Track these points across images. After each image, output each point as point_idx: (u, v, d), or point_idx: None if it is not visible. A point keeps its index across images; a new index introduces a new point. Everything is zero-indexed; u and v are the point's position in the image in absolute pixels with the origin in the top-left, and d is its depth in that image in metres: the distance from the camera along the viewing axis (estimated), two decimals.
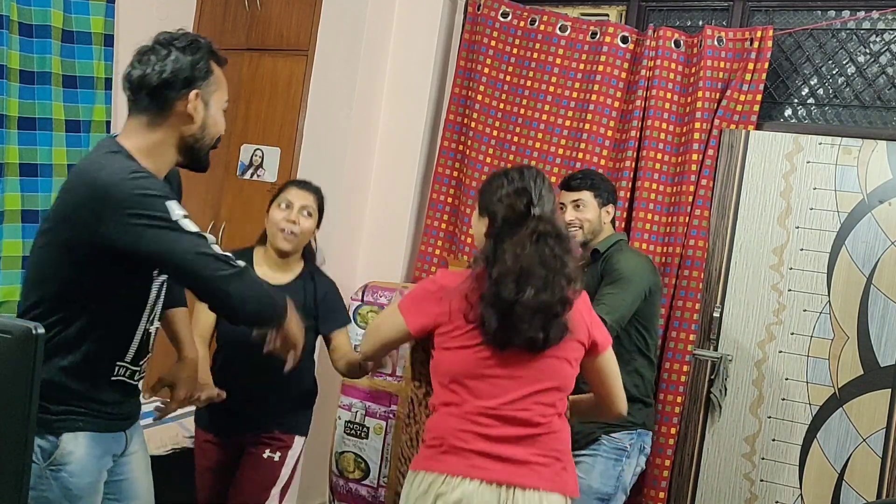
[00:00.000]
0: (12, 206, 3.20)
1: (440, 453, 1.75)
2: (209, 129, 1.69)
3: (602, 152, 3.28)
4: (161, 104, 1.62)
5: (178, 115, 1.64)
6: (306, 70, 3.63)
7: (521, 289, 1.69)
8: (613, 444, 2.49)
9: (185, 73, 1.63)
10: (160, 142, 1.64)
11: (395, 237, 3.62)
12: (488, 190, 1.84)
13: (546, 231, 1.74)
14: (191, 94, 1.63)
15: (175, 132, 1.65)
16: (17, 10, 3.15)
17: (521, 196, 1.78)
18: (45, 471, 1.59)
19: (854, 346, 2.90)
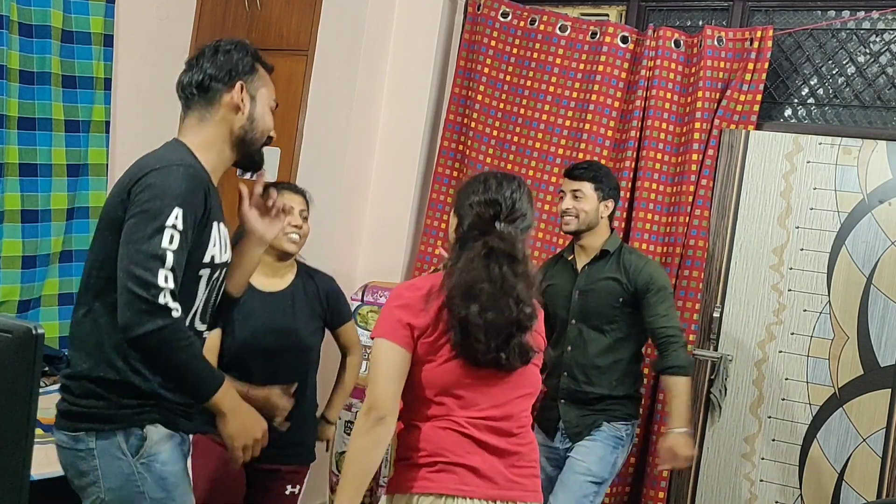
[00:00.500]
0: (12, 206, 3.19)
1: (434, 472, 1.69)
2: (258, 122, 1.73)
3: (602, 152, 3.28)
4: (210, 98, 1.69)
5: (227, 107, 1.69)
6: (306, 70, 3.63)
7: (466, 305, 1.64)
8: (613, 433, 2.55)
9: (229, 66, 1.70)
10: (214, 136, 1.70)
11: (395, 237, 3.62)
12: (464, 192, 1.80)
13: (499, 249, 1.68)
14: (237, 84, 1.69)
15: (226, 126, 1.70)
16: (16, 10, 3.14)
17: (490, 207, 1.73)
18: (136, 465, 1.58)
19: (854, 346, 2.90)
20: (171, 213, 1.53)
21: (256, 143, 1.76)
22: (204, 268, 1.66)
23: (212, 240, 1.66)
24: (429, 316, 1.69)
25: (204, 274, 1.66)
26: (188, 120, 1.72)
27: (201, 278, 1.66)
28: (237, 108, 1.70)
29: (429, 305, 1.69)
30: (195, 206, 1.58)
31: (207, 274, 1.67)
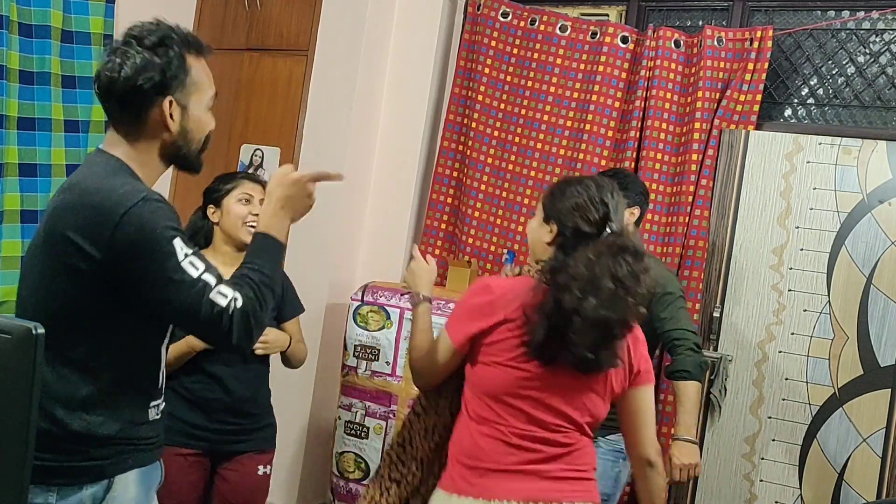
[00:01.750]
0: (11, 206, 3.19)
1: (476, 476, 1.69)
2: (192, 133, 1.53)
3: (602, 152, 3.28)
4: (134, 114, 1.48)
5: (155, 124, 1.49)
6: (306, 70, 3.63)
7: (584, 297, 1.58)
8: (611, 447, 2.50)
9: (155, 78, 1.46)
10: (143, 151, 1.51)
11: (395, 237, 3.62)
12: (561, 197, 1.75)
13: (625, 246, 1.64)
14: (164, 102, 1.48)
15: (155, 142, 1.52)
16: (16, 10, 3.14)
17: (598, 209, 1.70)
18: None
19: (854, 346, 2.90)
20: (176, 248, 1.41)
21: (192, 152, 1.56)
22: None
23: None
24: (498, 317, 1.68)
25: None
26: (115, 132, 1.52)
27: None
28: (166, 125, 1.49)
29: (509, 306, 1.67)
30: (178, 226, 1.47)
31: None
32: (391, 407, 3.18)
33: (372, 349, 3.19)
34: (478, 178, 3.50)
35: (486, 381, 1.71)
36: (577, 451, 1.74)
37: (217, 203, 2.38)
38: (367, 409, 3.21)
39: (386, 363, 3.15)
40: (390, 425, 3.18)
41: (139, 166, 1.52)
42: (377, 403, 3.20)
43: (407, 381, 3.15)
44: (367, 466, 3.21)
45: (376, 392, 3.20)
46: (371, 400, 3.20)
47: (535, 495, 1.67)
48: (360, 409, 3.21)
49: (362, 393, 3.21)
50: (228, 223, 2.36)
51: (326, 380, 3.47)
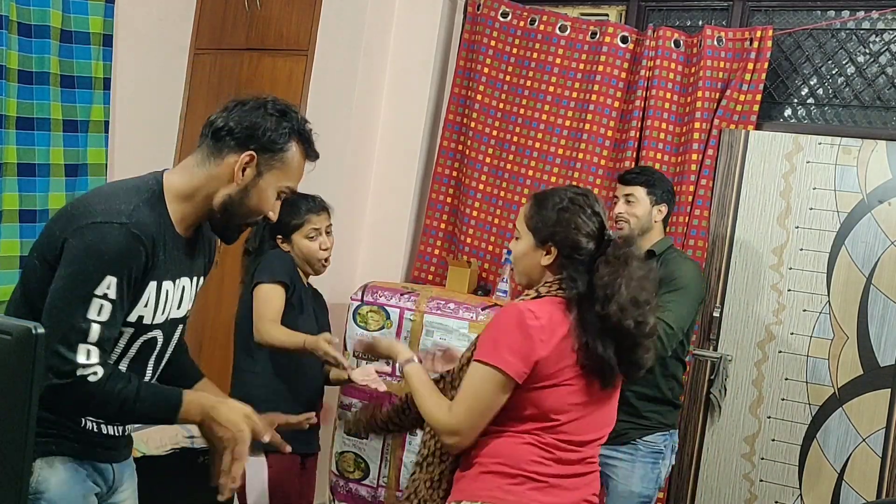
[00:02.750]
0: (10, 206, 3.19)
1: (513, 484, 1.67)
2: (251, 199, 1.54)
3: (602, 152, 3.28)
4: (217, 149, 1.53)
5: (225, 168, 1.52)
6: (306, 70, 3.63)
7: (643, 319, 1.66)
8: (649, 448, 2.50)
9: (253, 130, 1.52)
10: (199, 188, 1.53)
11: (395, 237, 3.62)
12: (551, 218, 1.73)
13: (634, 255, 1.70)
14: (246, 154, 1.51)
15: (216, 184, 1.53)
16: (16, 9, 3.14)
17: (593, 220, 1.73)
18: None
19: (854, 346, 2.90)
20: (102, 282, 1.39)
21: (238, 220, 1.56)
22: (126, 326, 1.49)
23: (143, 300, 1.50)
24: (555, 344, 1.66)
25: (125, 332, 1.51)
26: (191, 157, 1.57)
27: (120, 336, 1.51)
28: (233, 176, 1.52)
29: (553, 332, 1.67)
30: (131, 272, 1.44)
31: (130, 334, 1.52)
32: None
33: None
34: (476, 177, 3.49)
35: (536, 403, 1.68)
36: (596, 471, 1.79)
37: (285, 236, 2.42)
38: None
39: (386, 363, 3.14)
40: None
41: (186, 202, 1.54)
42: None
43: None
44: (366, 466, 3.20)
45: (376, 392, 3.19)
46: (371, 400, 3.20)
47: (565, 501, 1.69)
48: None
49: (362, 393, 3.21)
50: (300, 258, 2.43)
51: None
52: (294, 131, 1.57)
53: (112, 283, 1.41)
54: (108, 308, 1.41)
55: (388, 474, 3.16)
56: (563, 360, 1.66)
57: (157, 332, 1.58)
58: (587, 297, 1.66)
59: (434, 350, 2.15)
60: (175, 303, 1.59)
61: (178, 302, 1.61)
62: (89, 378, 1.39)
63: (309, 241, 2.41)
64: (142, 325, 1.53)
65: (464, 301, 3.07)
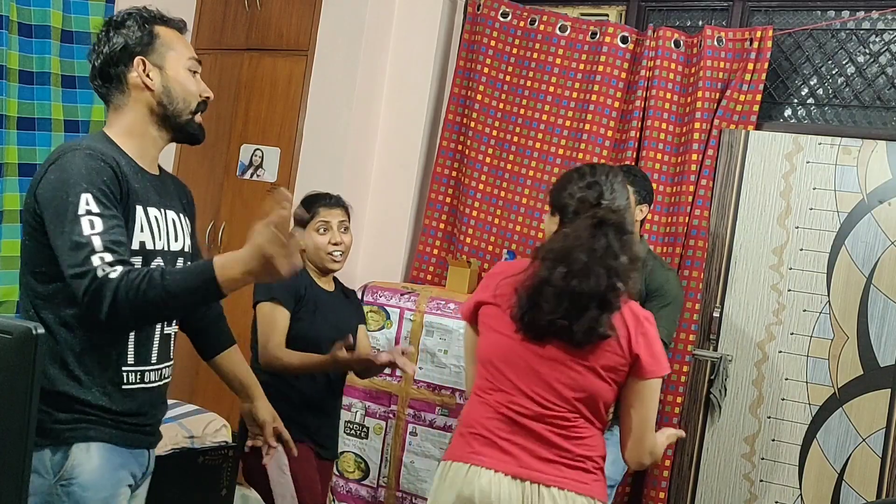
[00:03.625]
0: (11, 206, 3.19)
1: (469, 441, 1.75)
2: (175, 92, 1.59)
3: (602, 152, 3.28)
4: (115, 85, 1.58)
5: (135, 89, 1.58)
6: (306, 70, 3.63)
7: (553, 268, 1.66)
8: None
9: (121, 45, 1.57)
10: (132, 121, 1.59)
11: (394, 237, 3.62)
12: (559, 187, 1.83)
13: (608, 219, 1.70)
14: (135, 61, 1.57)
15: (141, 107, 1.59)
16: (16, 10, 3.14)
17: (592, 189, 1.76)
18: (56, 487, 1.47)
19: (854, 346, 2.90)
20: (80, 202, 1.43)
21: (181, 113, 1.61)
22: (134, 255, 1.51)
23: (137, 225, 1.54)
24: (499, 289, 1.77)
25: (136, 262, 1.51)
26: (108, 111, 1.62)
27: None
28: (144, 86, 1.58)
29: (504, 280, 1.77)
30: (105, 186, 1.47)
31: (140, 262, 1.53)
32: (391, 407, 3.18)
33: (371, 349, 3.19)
34: (476, 177, 3.50)
35: (484, 347, 1.80)
36: (578, 439, 1.72)
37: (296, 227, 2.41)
38: (367, 410, 3.21)
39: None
40: (390, 425, 3.18)
41: (131, 137, 1.59)
42: (377, 403, 3.20)
43: (407, 382, 3.15)
44: (366, 466, 3.21)
45: (376, 392, 3.20)
46: (371, 400, 3.21)
47: (521, 472, 1.69)
48: (359, 410, 3.21)
49: (362, 393, 3.21)
50: (312, 253, 2.39)
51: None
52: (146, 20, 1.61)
53: (89, 199, 1.44)
54: (99, 220, 1.43)
55: (388, 474, 3.17)
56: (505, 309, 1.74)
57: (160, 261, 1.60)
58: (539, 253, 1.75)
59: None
60: (170, 233, 1.62)
61: (174, 233, 1.64)
62: (111, 276, 1.39)
63: (318, 235, 2.37)
64: (146, 252, 1.56)
65: (464, 301, 3.07)
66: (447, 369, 3.00)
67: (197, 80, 1.64)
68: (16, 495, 1.18)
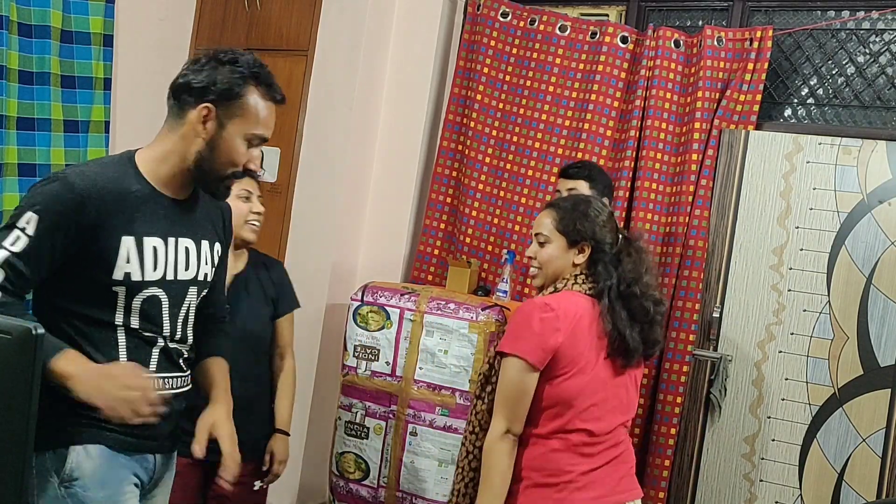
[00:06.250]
0: (11, 206, 3.19)
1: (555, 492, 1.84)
2: (220, 152, 1.57)
3: (602, 152, 3.28)
4: (179, 109, 1.57)
5: (190, 126, 1.56)
6: (306, 70, 3.63)
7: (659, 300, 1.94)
8: None
9: (206, 81, 1.55)
10: (172, 150, 1.58)
11: (395, 237, 3.62)
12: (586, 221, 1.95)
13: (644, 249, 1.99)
14: (202, 106, 1.55)
15: (185, 143, 1.57)
16: (16, 10, 3.14)
17: (612, 218, 2.00)
18: (60, 489, 1.48)
19: (854, 346, 2.90)
20: (23, 216, 1.45)
21: (214, 173, 1.59)
22: (116, 285, 1.52)
23: (122, 255, 1.51)
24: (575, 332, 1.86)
25: (119, 292, 1.53)
26: (164, 125, 1.62)
27: (116, 295, 1.53)
28: (196, 130, 1.56)
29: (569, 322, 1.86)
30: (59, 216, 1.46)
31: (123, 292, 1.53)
32: (391, 407, 3.18)
33: (372, 349, 3.19)
34: (476, 177, 3.49)
35: (568, 391, 1.85)
36: (628, 448, 1.96)
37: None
38: (367, 410, 3.21)
39: (386, 363, 3.14)
40: (390, 425, 3.18)
41: (164, 163, 1.59)
42: (377, 404, 3.19)
43: (406, 382, 3.15)
44: (367, 467, 3.20)
45: (376, 392, 3.20)
46: (371, 400, 3.20)
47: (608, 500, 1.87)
48: (360, 410, 3.21)
49: (362, 393, 3.21)
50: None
51: (326, 380, 3.48)
52: (248, 76, 1.57)
53: (32, 219, 1.46)
54: (24, 241, 1.45)
55: (388, 474, 3.16)
56: (583, 345, 1.85)
57: (156, 291, 1.58)
58: (615, 286, 1.90)
59: None
60: (177, 262, 1.60)
61: (185, 263, 1.61)
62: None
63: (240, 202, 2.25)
64: (132, 283, 1.54)
65: (464, 301, 3.07)
66: (447, 369, 3.00)
67: (248, 152, 1.60)
68: (16, 495, 1.18)
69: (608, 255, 1.93)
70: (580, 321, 1.85)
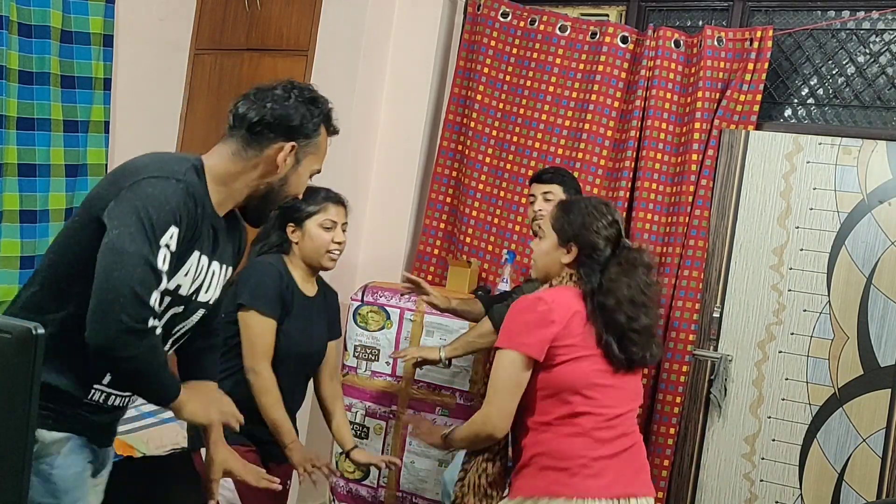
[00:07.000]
0: (10, 206, 3.19)
1: (568, 477, 1.83)
2: (289, 185, 1.61)
3: (602, 152, 3.28)
4: (256, 141, 1.56)
5: (266, 160, 1.57)
6: (306, 70, 3.63)
7: (634, 315, 1.88)
8: None
9: (293, 121, 1.57)
10: (237, 175, 1.57)
11: (395, 237, 3.62)
12: (577, 221, 1.95)
13: (642, 262, 1.95)
14: (288, 144, 1.57)
15: (255, 173, 1.57)
16: (16, 10, 3.14)
17: (614, 227, 1.97)
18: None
19: (854, 346, 2.90)
20: (168, 232, 1.41)
21: (274, 205, 1.64)
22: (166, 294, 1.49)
23: (185, 268, 1.51)
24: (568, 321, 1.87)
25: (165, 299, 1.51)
26: (223, 145, 1.59)
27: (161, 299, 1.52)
28: (276, 166, 1.57)
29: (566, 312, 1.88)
30: (185, 225, 1.46)
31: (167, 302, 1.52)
32: (391, 407, 3.18)
33: (372, 349, 3.19)
34: (476, 177, 3.49)
35: (570, 377, 1.86)
36: (638, 441, 1.95)
37: (298, 223, 2.30)
38: (367, 410, 3.21)
39: (386, 363, 3.15)
40: (390, 425, 3.18)
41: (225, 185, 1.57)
42: (377, 404, 3.20)
43: (407, 382, 3.15)
44: (366, 467, 3.20)
45: (376, 392, 3.20)
46: (371, 400, 3.20)
47: (620, 491, 1.85)
48: (360, 410, 3.21)
49: (362, 393, 3.21)
50: (309, 247, 2.30)
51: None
52: (323, 115, 1.64)
53: (174, 234, 1.43)
54: (169, 259, 1.42)
55: (388, 474, 3.16)
56: (580, 336, 1.86)
57: (181, 308, 1.58)
58: (599, 290, 1.89)
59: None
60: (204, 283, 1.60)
61: (209, 285, 1.61)
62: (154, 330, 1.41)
63: (322, 231, 2.28)
64: (177, 296, 1.53)
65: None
66: (447, 370, 3.00)
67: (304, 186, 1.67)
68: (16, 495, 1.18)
69: (596, 260, 1.92)
70: (575, 314, 1.87)
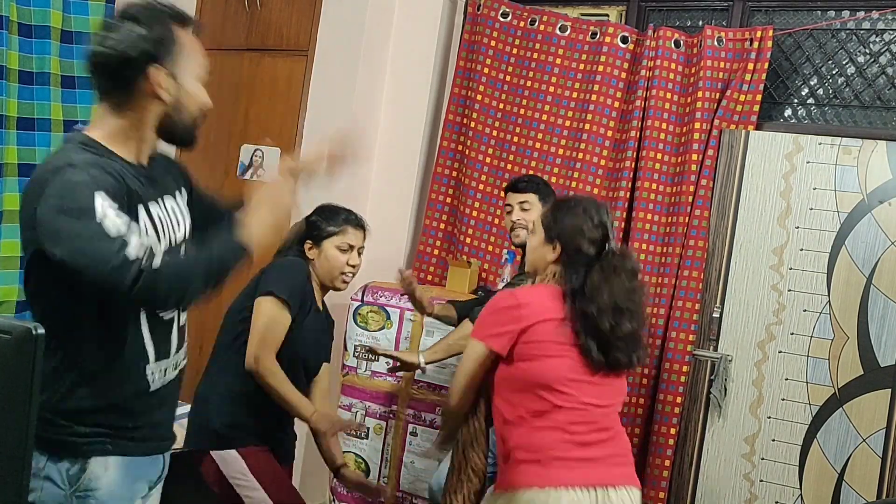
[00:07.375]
0: (11, 206, 3.19)
1: (540, 468, 1.85)
2: (185, 104, 1.49)
3: (602, 152, 3.28)
4: (123, 85, 1.44)
5: (145, 96, 1.45)
6: (306, 70, 3.63)
7: (617, 321, 1.88)
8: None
9: (142, 46, 1.42)
10: (130, 126, 1.47)
11: (395, 237, 3.62)
12: (562, 220, 1.98)
13: (626, 267, 1.94)
14: (154, 71, 1.43)
15: (145, 114, 1.47)
16: (16, 10, 3.15)
17: (598, 229, 1.96)
18: (71, 498, 1.45)
19: (854, 346, 2.90)
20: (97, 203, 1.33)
21: (186, 122, 1.51)
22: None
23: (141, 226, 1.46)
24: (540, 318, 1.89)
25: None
26: (100, 108, 1.48)
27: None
28: (156, 96, 1.45)
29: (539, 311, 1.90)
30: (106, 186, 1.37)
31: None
32: (391, 407, 3.18)
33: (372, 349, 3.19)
34: (476, 177, 3.49)
35: (540, 373, 1.88)
36: (618, 434, 1.95)
37: (316, 241, 2.33)
38: (367, 410, 3.21)
39: (386, 363, 3.15)
40: (390, 425, 3.18)
41: (125, 140, 1.48)
42: (377, 403, 3.20)
43: (407, 382, 3.15)
44: (367, 466, 3.20)
45: (376, 392, 3.20)
46: (371, 400, 3.21)
47: (595, 481, 1.86)
48: (360, 410, 3.21)
49: (362, 393, 3.21)
50: (324, 267, 2.33)
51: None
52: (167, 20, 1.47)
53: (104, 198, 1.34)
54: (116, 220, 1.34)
55: (388, 474, 3.17)
56: (551, 334, 1.88)
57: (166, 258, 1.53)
58: (580, 293, 1.89)
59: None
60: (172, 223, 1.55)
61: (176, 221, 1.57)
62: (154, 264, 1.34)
63: (339, 253, 2.32)
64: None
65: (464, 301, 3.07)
66: (447, 370, 3.00)
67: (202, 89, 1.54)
68: (16, 496, 1.18)
69: (579, 261, 1.92)
70: (549, 313, 1.89)
